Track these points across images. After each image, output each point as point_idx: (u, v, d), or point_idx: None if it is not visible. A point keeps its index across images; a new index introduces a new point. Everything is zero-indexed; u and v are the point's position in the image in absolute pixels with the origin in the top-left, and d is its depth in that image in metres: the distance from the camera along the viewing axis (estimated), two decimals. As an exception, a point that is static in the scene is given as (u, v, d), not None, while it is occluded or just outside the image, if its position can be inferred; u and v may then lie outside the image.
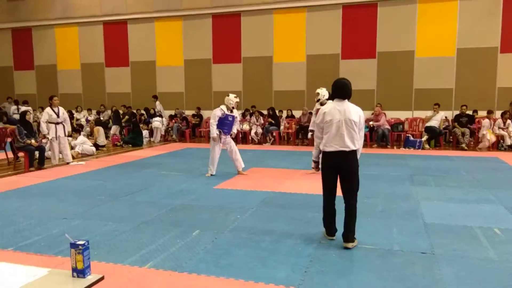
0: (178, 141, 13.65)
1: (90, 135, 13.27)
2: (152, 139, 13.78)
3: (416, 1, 12.59)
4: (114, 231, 4.60)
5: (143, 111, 14.78)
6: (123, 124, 14.37)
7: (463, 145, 11.27)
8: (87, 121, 15.04)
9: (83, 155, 10.44)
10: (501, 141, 11.23)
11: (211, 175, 7.67)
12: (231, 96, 7.70)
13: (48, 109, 9.10)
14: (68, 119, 9.43)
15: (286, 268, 3.57)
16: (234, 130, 7.86)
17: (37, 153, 8.78)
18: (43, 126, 9.01)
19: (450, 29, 12.40)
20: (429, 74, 12.69)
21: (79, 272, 1.75)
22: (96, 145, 11.42)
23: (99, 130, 12.07)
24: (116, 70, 16.01)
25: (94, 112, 15.76)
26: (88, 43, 16.28)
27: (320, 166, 4.28)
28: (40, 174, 8.12)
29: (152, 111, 14.61)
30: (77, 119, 15.31)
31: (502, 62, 12.11)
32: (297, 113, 13.45)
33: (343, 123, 3.98)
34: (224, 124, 7.62)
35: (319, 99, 7.81)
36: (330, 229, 4.29)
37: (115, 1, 15.58)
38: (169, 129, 14.37)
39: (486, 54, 12.18)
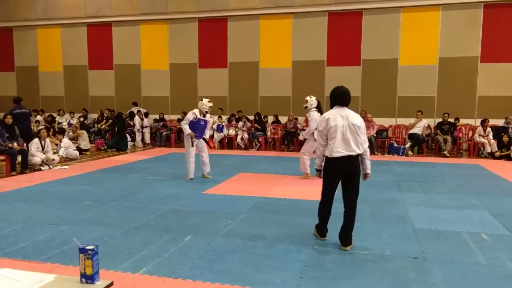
0: (163, 146, 13.51)
1: (73, 139, 13.00)
2: (135, 143, 13.58)
3: (400, 10, 12.87)
4: (104, 236, 4.51)
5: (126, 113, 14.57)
6: (107, 128, 14.17)
7: (445, 152, 11.51)
8: (69, 124, 14.74)
9: (66, 159, 10.22)
10: (481, 148, 11.53)
11: (191, 178, 7.68)
12: (205, 100, 7.79)
13: (36, 141, 9.06)
14: (50, 151, 9.30)
15: (282, 273, 3.57)
16: (207, 134, 7.96)
17: (19, 157, 8.56)
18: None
19: (432, 38, 12.70)
20: (412, 82, 12.95)
21: (88, 278, 1.70)
22: (79, 149, 11.21)
23: (83, 134, 11.85)
24: (99, 72, 15.77)
25: (77, 115, 15.46)
26: (71, 45, 16.00)
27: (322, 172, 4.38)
28: (23, 179, 7.91)
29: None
30: (59, 123, 15.00)
31: (482, 72, 12.46)
32: (283, 119, 13.52)
33: (347, 128, 4.08)
34: (196, 128, 7.66)
35: (306, 107, 7.87)
36: (324, 230, 4.43)
37: (100, 3, 15.38)
38: (154, 135, 14.21)
39: (467, 63, 12.51)
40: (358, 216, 5.14)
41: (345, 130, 4.08)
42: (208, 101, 7.79)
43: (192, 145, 7.66)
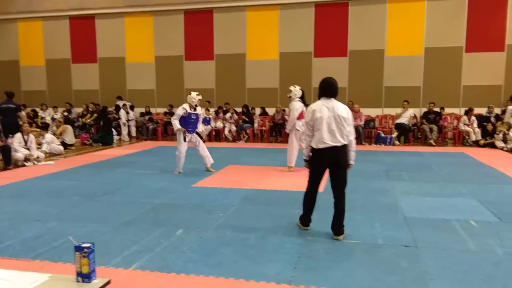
0: (150, 140, 13.35)
1: (55, 134, 12.73)
2: (121, 137, 13.41)
3: (386, 0, 12.89)
4: (94, 232, 4.43)
5: (110, 109, 14.35)
6: (92, 122, 13.94)
7: (431, 141, 11.65)
8: (53, 119, 14.44)
9: (51, 155, 10.02)
10: (466, 137, 11.70)
11: (179, 172, 7.62)
12: (193, 94, 7.66)
13: (18, 135, 8.82)
14: (34, 147, 9.03)
15: (275, 265, 3.55)
16: (200, 127, 7.83)
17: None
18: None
19: (418, 29, 12.78)
20: (398, 73, 13.03)
21: (85, 277, 1.65)
22: (64, 144, 11.00)
23: (67, 128, 11.62)
24: (83, 66, 15.47)
25: (60, 110, 15.15)
26: (53, 38, 15.62)
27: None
28: (7, 175, 7.72)
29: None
30: (42, 117, 14.69)
31: (466, 61, 12.60)
32: (270, 111, 13.48)
33: (333, 119, 4.10)
34: (188, 123, 7.57)
35: (290, 96, 7.76)
36: (307, 220, 4.45)
37: (82, -5, 15.05)
38: (140, 128, 14.05)
39: (452, 53, 12.64)
40: (349, 205, 5.16)
41: (330, 121, 4.09)
42: (197, 94, 7.67)
43: (185, 140, 7.57)
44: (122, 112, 13.48)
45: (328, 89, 4.23)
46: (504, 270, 3.41)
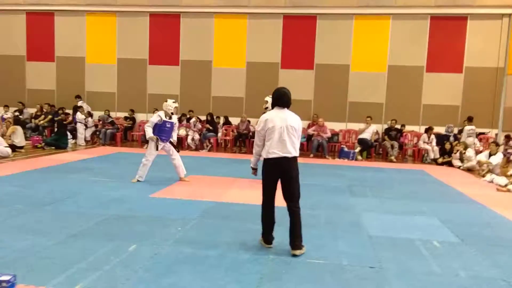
0: (108, 145, 12.73)
1: (3, 136, 11.87)
2: (77, 141, 12.72)
3: (353, 17, 13.09)
4: (35, 246, 4.01)
5: (67, 111, 13.64)
6: (46, 124, 13.17)
7: (392, 157, 11.84)
8: (3, 119, 13.50)
9: (-3, 157, 9.30)
10: (425, 154, 11.99)
11: (138, 181, 7.24)
12: (170, 101, 7.39)
13: None
14: None
15: (236, 287, 3.31)
16: (174, 137, 7.52)
17: None
18: None
19: (382, 47, 13.05)
20: (362, 88, 13.21)
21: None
22: (13, 146, 10.24)
23: (17, 130, 10.85)
24: (39, 64, 14.63)
25: (12, 109, 14.21)
26: (7, 33, 14.70)
27: (260, 172, 4.30)
28: None
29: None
30: (-10, 117, 13.72)
31: (427, 81, 12.98)
32: (235, 120, 13.27)
33: (285, 129, 4.08)
34: (163, 131, 7.30)
35: (266, 107, 7.61)
36: (268, 237, 4.28)
37: (41, -10, 14.29)
38: (97, 132, 13.40)
39: (413, 72, 12.98)
40: (313, 222, 5.03)
41: (282, 131, 4.08)
42: (173, 102, 7.39)
43: (157, 149, 7.25)
44: (79, 114, 12.80)
45: (280, 100, 4.20)
46: (469, 295, 3.35)
